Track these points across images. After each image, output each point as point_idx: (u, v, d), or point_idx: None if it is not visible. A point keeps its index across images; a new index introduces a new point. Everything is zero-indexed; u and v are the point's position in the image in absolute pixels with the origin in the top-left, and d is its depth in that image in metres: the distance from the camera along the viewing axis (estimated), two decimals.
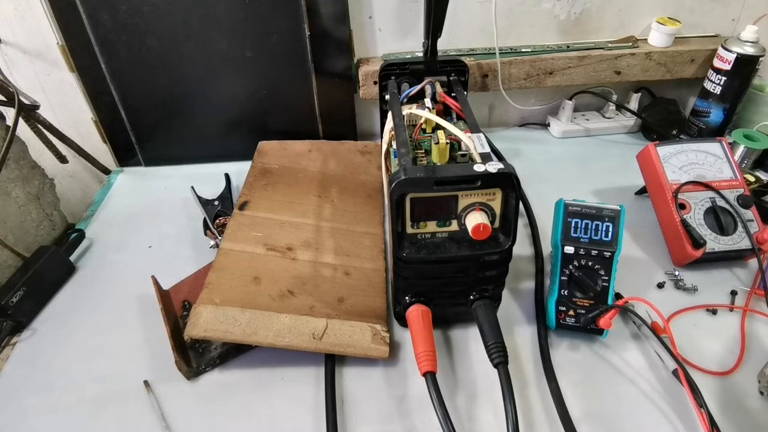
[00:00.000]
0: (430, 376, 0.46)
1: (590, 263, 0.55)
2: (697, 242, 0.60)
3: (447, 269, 0.50)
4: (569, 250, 0.56)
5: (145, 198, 0.81)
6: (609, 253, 0.55)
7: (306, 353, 0.52)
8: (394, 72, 0.64)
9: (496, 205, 0.47)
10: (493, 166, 0.44)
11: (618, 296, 0.58)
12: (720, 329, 0.57)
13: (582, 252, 0.55)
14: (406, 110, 0.58)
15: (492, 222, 0.47)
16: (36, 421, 0.50)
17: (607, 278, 0.55)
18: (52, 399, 0.52)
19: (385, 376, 0.53)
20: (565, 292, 0.55)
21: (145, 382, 0.53)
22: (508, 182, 0.45)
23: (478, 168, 0.44)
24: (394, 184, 0.44)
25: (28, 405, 0.52)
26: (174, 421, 0.49)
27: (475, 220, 0.46)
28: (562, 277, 0.55)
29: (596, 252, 0.55)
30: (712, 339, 0.56)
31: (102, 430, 0.49)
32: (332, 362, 0.53)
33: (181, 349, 0.54)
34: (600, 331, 0.54)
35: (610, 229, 0.55)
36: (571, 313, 0.54)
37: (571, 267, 0.55)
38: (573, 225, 0.56)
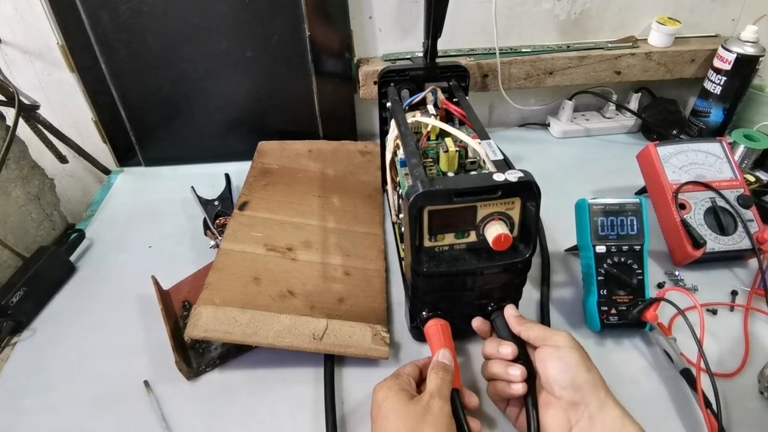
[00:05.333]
0: (456, 394, 0.45)
1: (623, 259, 0.55)
2: (697, 242, 0.60)
3: (467, 281, 0.49)
4: (601, 249, 0.56)
5: (145, 198, 0.81)
6: (638, 246, 0.56)
7: (306, 354, 0.52)
8: (394, 78, 0.64)
9: (515, 213, 0.46)
10: (513, 175, 0.43)
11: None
12: (720, 329, 0.57)
13: (613, 249, 0.56)
14: (410, 118, 0.57)
15: (511, 231, 0.46)
16: (36, 421, 0.50)
17: (641, 271, 0.55)
18: (52, 399, 0.52)
19: (385, 377, 0.53)
20: (605, 292, 0.55)
21: (145, 382, 0.53)
22: (528, 191, 0.44)
23: (498, 177, 0.43)
24: (412, 198, 0.42)
25: (28, 405, 0.52)
26: (174, 421, 0.49)
27: (495, 231, 0.45)
28: (599, 278, 0.55)
29: (627, 247, 0.56)
30: (711, 339, 0.56)
31: (102, 430, 0.49)
32: (331, 362, 0.53)
33: (181, 349, 0.54)
34: (643, 325, 0.55)
35: (635, 222, 0.56)
36: (614, 311, 0.55)
37: (605, 266, 0.56)
38: (600, 224, 0.56)
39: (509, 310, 0.49)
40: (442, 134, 0.55)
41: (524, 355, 0.46)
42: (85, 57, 0.76)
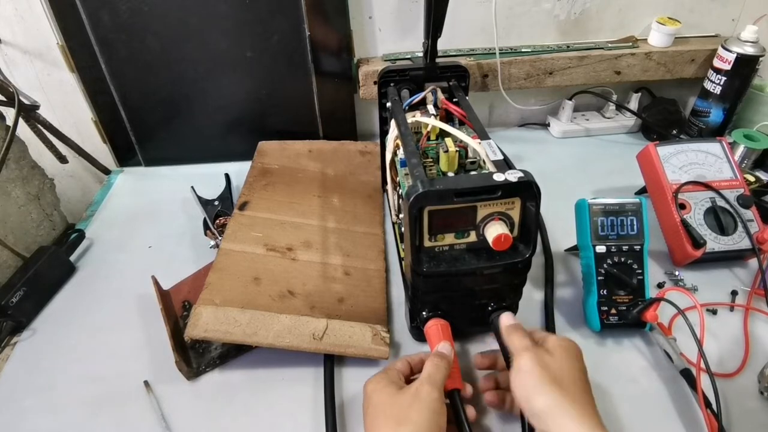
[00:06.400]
0: (456, 394, 0.45)
1: (623, 259, 0.56)
2: (697, 242, 0.60)
3: (467, 281, 0.49)
4: (601, 249, 0.56)
5: (145, 198, 0.81)
6: (638, 246, 0.56)
7: (306, 354, 0.52)
8: (394, 78, 0.64)
9: (515, 213, 0.46)
10: (513, 175, 0.43)
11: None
12: (720, 329, 0.57)
13: (613, 249, 0.56)
14: (410, 118, 0.57)
15: (511, 231, 0.46)
16: (36, 422, 0.50)
17: (641, 271, 0.55)
18: (52, 399, 0.52)
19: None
20: (605, 292, 0.55)
21: (145, 383, 0.53)
22: (528, 191, 0.44)
23: (498, 177, 0.43)
24: (412, 198, 0.42)
25: (28, 405, 0.52)
26: (174, 421, 0.49)
27: (495, 231, 0.45)
28: (599, 278, 0.55)
29: (627, 247, 0.56)
30: (711, 339, 0.56)
31: (102, 430, 0.49)
32: (331, 362, 0.53)
33: (181, 349, 0.54)
34: (643, 325, 0.55)
35: (635, 222, 0.56)
36: (614, 311, 0.55)
37: (605, 266, 0.56)
38: (600, 224, 0.56)
39: (504, 319, 0.49)
40: (442, 134, 0.55)
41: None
42: (85, 57, 0.76)
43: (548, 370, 0.40)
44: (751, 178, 0.73)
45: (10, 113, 0.66)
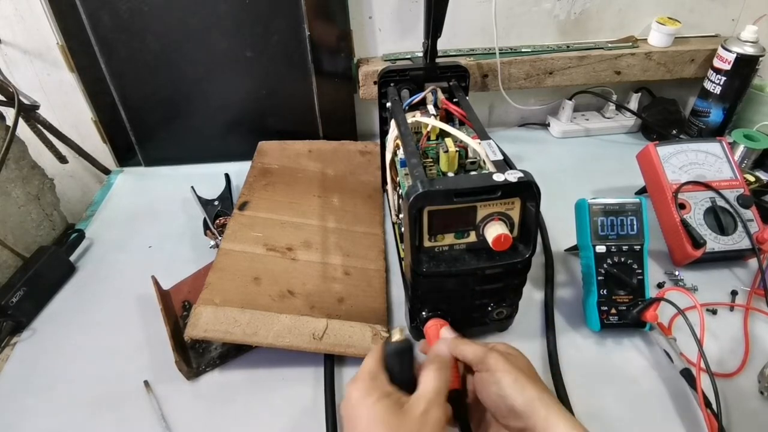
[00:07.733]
0: (455, 394, 0.44)
1: (623, 259, 0.56)
2: (697, 242, 0.60)
3: (467, 281, 0.49)
4: (601, 249, 0.56)
5: (145, 198, 0.81)
6: (638, 246, 0.56)
7: (306, 354, 0.52)
8: (394, 78, 0.64)
9: (515, 214, 0.46)
10: (513, 175, 0.43)
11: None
12: (720, 329, 0.57)
13: (613, 249, 0.56)
14: (410, 118, 0.57)
15: (510, 231, 0.46)
16: (36, 421, 0.50)
17: (641, 271, 0.55)
18: (52, 399, 0.52)
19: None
20: (605, 292, 0.55)
21: (145, 382, 0.53)
22: (528, 191, 0.44)
23: (498, 177, 0.43)
24: (412, 198, 0.42)
25: (28, 405, 0.52)
26: (174, 421, 0.49)
27: (495, 231, 0.45)
28: (599, 278, 0.55)
29: (626, 247, 0.56)
30: (711, 339, 0.56)
31: (102, 430, 0.49)
32: (331, 362, 0.53)
33: (181, 349, 0.54)
34: (643, 325, 0.55)
35: (635, 222, 0.56)
36: (614, 311, 0.55)
37: (605, 266, 0.56)
38: (600, 224, 0.56)
39: (445, 333, 0.47)
40: (442, 134, 0.55)
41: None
42: (85, 57, 0.76)
43: (517, 367, 0.40)
44: (751, 178, 0.73)
45: (10, 113, 0.66)
